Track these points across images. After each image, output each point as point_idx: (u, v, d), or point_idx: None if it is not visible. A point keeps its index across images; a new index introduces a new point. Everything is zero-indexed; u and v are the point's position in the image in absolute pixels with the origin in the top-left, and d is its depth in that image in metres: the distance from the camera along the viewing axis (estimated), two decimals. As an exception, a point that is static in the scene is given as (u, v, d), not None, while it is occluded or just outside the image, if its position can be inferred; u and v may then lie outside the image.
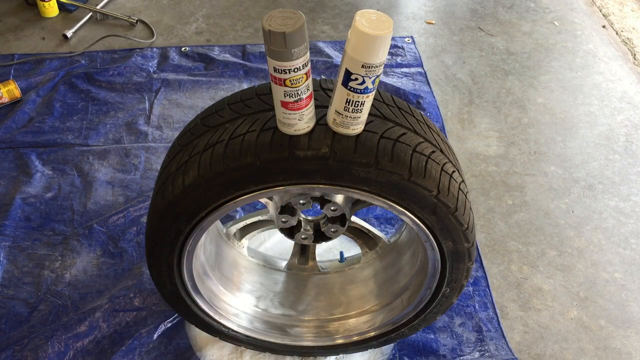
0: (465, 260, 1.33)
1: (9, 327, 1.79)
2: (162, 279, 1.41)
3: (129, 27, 3.04)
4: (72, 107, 2.54)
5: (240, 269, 1.71)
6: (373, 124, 1.17)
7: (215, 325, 1.59)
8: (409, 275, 1.56)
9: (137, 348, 1.74)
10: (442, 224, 1.24)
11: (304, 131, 1.13)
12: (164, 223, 1.26)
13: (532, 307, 1.94)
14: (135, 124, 2.47)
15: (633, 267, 2.07)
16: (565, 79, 2.86)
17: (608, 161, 2.46)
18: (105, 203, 2.15)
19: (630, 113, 2.69)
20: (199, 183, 1.18)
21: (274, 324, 1.67)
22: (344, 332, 1.65)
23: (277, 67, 1.00)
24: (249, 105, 1.24)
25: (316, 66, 2.80)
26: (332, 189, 1.19)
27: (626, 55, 3.04)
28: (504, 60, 2.96)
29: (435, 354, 1.78)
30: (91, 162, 2.30)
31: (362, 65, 0.99)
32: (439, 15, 3.26)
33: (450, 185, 1.20)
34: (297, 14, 0.97)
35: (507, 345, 1.82)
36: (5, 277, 1.92)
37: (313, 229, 1.51)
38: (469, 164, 2.40)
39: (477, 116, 2.63)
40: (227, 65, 2.78)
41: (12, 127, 2.42)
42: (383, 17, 0.96)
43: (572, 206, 2.27)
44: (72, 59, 2.78)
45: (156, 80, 2.68)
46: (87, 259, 1.97)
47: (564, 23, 3.24)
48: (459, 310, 1.90)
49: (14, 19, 3.06)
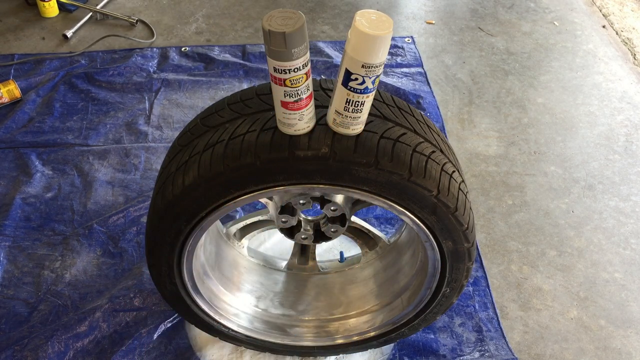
0: (465, 260, 1.33)
1: (9, 327, 1.79)
2: (162, 279, 1.41)
3: (129, 27, 3.04)
4: (72, 107, 2.54)
5: (240, 269, 1.71)
6: (373, 124, 1.17)
7: (215, 325, 1.59)
8: (409, 275, 1.56)
9: (137, 348, 1.74)
10: (442, 224, 1.24)
11: (304, 131, 1.13)
12: (164, 223, 1.26)
13: (532, 307, 1.94)
14: (135, 124, 2.47)
15: (633, 267, 2.07)
16: (565, 79, 2.86)
17: (608, 161, 2.45)
18: (105, 203, 2.15)
19: (630, 113, 2.69)
20: (199, 183, 1.18)
21: (274, 324, 1.67)
22: (344, 332, 1.65)
23: (277, 67, 1.01)
24: (249, 105, 1.24)
25: (316, 66, 2.80)
26: (332, 189, 1.19)
27: (626, 55, 3.04)
28: (504, 60, 2.96)
29: (435, 354, 1.78)
30: (91, 162, 2.30)
31: (362, 65, 0.99)
32: (439, 15, 3.26)
33: (450, 185, 1.20)
34: (297, 14, 0.97)
35: (507, 345, 1.82)
36: (5, 277, 1.92)
37: (313, 229, 1.51)
38: (469, 164, 2.40)
39: (477, 116, 2.63)
40: (227, 65, 2.78)
41: (12, 127, 2.42)
42: (383, 17, 0.96)
43: (572, 206, 2.27)
44: (72, 59, 2.78)
45: (156, 80, 2.68)
46: (87, 259, 1.97)
47: (564, 23, 3.24)
48: (459, 310, 1.90)
49: (14, 19, 3.06)
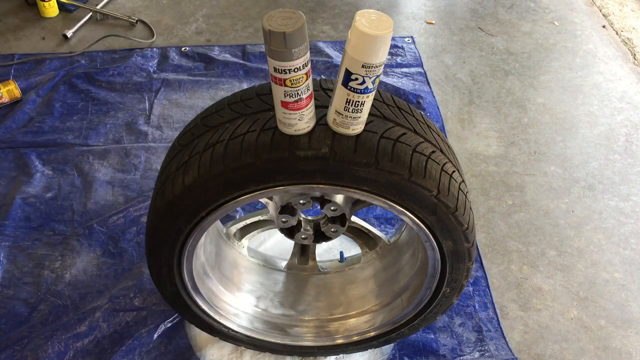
0: (465, 260, 1.33)
1: (9, 327, 1.79)
2: (162, 279, 1.41)
3: (129, 27, 3.04)
4: (72, 107, 2.54)
5: (240, 269, 1.71)
6: (373, 124, 1.17)
7: (215, 325, 1.59)
8: (409, 275, 1.56)
9: (137, 348, 1.74)
10: (442, 224, 1.24)
11: (304, 131, 1.13)
12: (164, 223, 1.26)
13: (532, 307, 1.94)
14: (135, 124, 2.47)
15: (633, 267, 2.07)
16: (565, 79, 2.86)
17: (608, 161, 2.45)
18: (105, 203, 2.15)
19: (630, 113, 2.69)
20: (199, 183, 1.18)
21: (274, 324, 1.67)
22: (344, 332, 1.65)
23: (277, 67, 1.00)
24: (249, 105, 1.24)
25: (316, 66, 2.80)
26: (332, 189, 1.19)
27: (626, 55, 3.04)
28: (504, 60, 2.96)
29: (435, 354, 1.78)
30: (91, 162, 2.30)
31: (362, 65, 0.99)
32: (439, 15, 3.26)
33: (450, 185, 1.20)
34: (297, 14, 0.97)
35: (507, 345, 1.82)
36: (5, 277, 1.92)
37: (313, 229, 1.51)
38: (469, 164, 2.40)
39: (477, 116, 2.63)
40: (227, 65, 2.78)
41: (12, 127, 2.42)
42: (383, 17, 0.96)
43: (572, 206, 2.27)
44: (72, 59, 2.78)
45: (156, 80, 2.68)
46: (87, 259, 1.97)
47: (564, 23, 3.24)
48: (459, 310, 1.90)
49: (14, 19, 3.06)
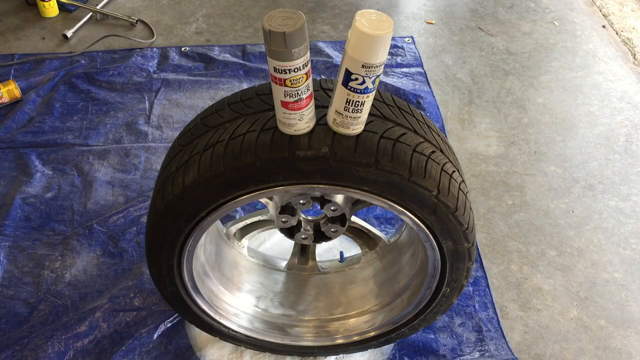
0: (465, 260, 1.33)
1: (9, 327, 1.79)
2: (162, 279, 1.41)
3: (129, 27, 3.04)
4: (72, 107, 2.54)
5: (240, 269, 1.71)
6: (373, 124, 1.17)
7: (215, 325, 1.59)
8: (409, 275, 1.56)
9: (137, 348, 1.74)
10: (442, 224, 1.24)
11: (304, 131, 1.13)
12: (164, 223, 1.26)
13: (532, 307, 1.94)
14: (135, 124, 2.47)
15: (633, 267, 2.07)
16: (565, 79, 2.86)
17: (608, 161, 2.45)
18: (105, 203, 2.15)
19: (630, 113, 2.69)
20: (199, 183, 1.18)
21: (274, 324, 1.67)
22: (344, 332, 1.65)
23: (277, 67, 1.00)
24: (249, 105, 1.24)
25: (316, 66, 2.79)
26: (332, 189, 1.19)
27: (626, 55, 3.04)
28: (504, 60, 2.96)
29: (435, 354, 1.78)
30: (91, 162, 2.30)
31: (362, 65, 0.99)
32: (439, 15, 3.26)
33: (450, 185, 1.20)
34: (297, 14, 0.97)
35: (507, 345, 1.82)
36: (5, 277, 1.92)
37: (313, 229, 1.51)
38: (469, 164, 2.40)
39: (477, 116, 2.63)
40: (227, 65, 2.78)
41: (12, 127, 2.42)
42: (383, 17, 0.96)
43: (572, 206, 2.27)
44: (72, 59, 2.78)
45: (156, 80, 2.68)
46: (87, 259, 1.97)
47: (564, 23, 3.24)
48: (459, 310, 1.90)
49: (14, 19, 3.06)
